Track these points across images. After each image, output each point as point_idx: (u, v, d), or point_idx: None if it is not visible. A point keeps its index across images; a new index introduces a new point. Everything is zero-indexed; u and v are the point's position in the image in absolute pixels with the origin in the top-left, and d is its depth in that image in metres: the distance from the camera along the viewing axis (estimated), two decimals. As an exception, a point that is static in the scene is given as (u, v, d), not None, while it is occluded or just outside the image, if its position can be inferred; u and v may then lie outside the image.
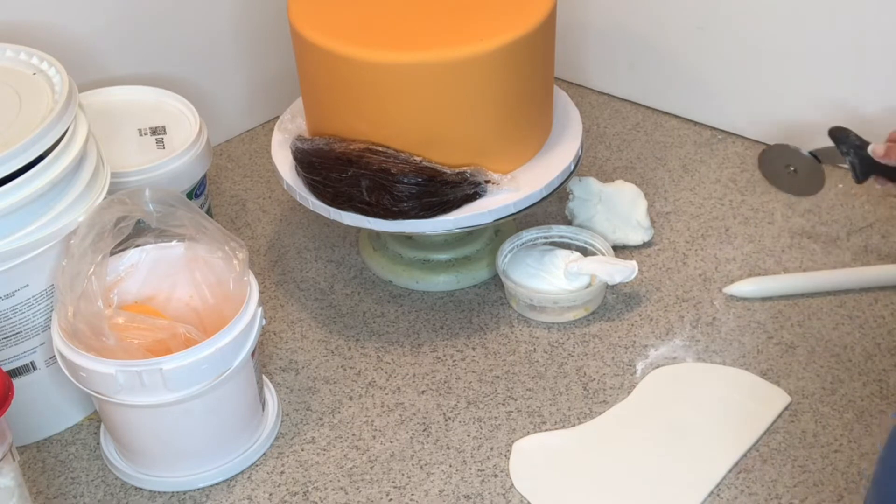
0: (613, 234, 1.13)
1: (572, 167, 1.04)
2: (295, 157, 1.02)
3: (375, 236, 1.14)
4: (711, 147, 1.29)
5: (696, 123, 1.33)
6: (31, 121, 0.85)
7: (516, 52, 0.95)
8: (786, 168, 1.15)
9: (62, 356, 0.85)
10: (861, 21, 1.14)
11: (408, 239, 1.11)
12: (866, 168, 1.02)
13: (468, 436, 0.94)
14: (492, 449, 0.93)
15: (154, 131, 1.10)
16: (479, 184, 0.98)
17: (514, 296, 1.06)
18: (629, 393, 0.97)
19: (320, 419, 0.96)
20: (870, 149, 1.01)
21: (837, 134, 1.05)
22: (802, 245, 1.13)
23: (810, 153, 1.10)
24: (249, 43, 1.31)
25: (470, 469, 0.91)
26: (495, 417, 0.96)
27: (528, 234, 1.11)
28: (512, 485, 0.89)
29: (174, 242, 0.93)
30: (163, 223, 0.89)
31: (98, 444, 0.95)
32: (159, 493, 0.90)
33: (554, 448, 0.93)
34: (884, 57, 1.14)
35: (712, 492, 0.88)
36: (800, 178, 1.14)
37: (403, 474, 0.91)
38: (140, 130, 1.10)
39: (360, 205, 0.97)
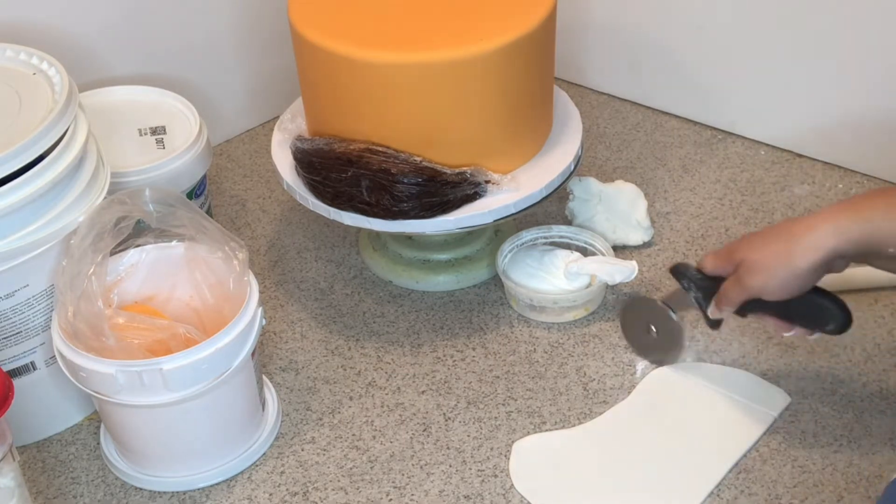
0: (613, 234, 1.13)
1: (572, 167, 1.04)
2: (295, 157, 1.02)
3: (375, 236, 1.14)
4: (711, 147, 1.29)
5: (696, 123, 1.33)
6: (31, 121, 0.85)
7: (516, 52, 0.95)
8: (647, 331, 0.98)
9: (62, 356, 0.85)
10: (863, 22, 1.14)
11: (408, 239, 1.11)
12: (711, 297, 0.90)
13: (468, 436, 0.94)
14: (492, 449, 0.93)
15: (154, 131, 1.10)
16: (479, 184, 0.98)
17: (514, 296, 1.06)
18: (629, 393, 0.97)
19: (320, 419, 0.96)
20: (698, 264, 0.90)
21: (678, 269, 0.92)
22: (802, 245, 1.12)
23: (662, 302, 0.95)
24: (249, 43, 1.31)
25: (470, 469, 0.91)
26: (495, 417, 0.96)
27: (528, 234, 1.11)
28: (512, 485, 0.89)
29: (174, 242, 0.93)
30: (163, 223, 0.89)
31: (98, 444, 0.95)
32: (159, 493, 0.90)
33: (554, 448, 0.93)
34: (884, 57, 1.14)
35: (712, 492, 0.88)
36: (661, 339, 0.97)
37: (403, 474, 0.91)
38: (140, 130, 1.10)
39: (360, 205, 0.97)
